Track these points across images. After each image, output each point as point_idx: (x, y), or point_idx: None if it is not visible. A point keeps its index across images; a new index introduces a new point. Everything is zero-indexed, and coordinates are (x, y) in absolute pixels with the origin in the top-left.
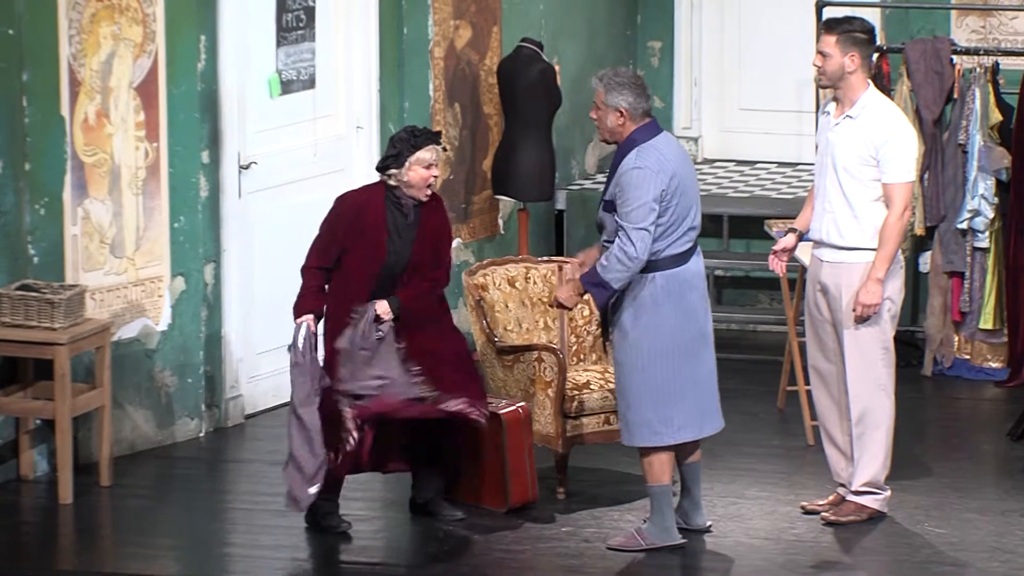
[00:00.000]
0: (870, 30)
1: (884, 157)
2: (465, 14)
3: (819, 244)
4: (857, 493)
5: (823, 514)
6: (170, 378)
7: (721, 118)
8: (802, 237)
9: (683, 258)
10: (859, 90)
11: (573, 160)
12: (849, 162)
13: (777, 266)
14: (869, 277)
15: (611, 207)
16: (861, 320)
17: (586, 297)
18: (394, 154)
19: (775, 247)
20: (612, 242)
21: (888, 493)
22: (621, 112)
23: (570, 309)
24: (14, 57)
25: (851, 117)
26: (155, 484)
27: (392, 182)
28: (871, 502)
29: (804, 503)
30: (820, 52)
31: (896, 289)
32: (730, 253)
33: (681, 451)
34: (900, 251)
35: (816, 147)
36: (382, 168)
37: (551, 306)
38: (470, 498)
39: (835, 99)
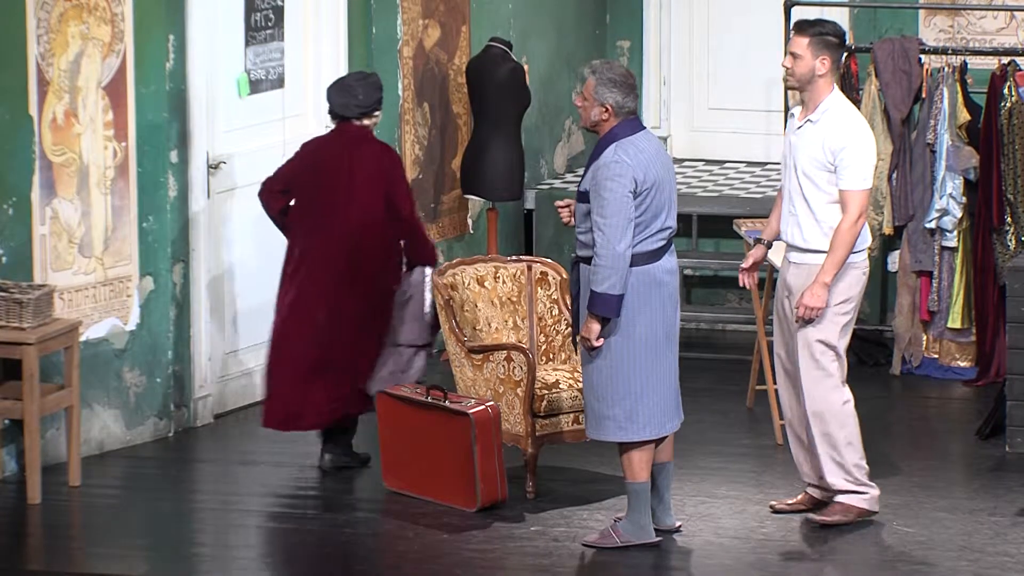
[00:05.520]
0: (842, 34)
1: (841, 163)
2: (434, 14)
3: (788, 247)
4: (843, 493)
5: (809, 516)
6: (139, 378)
7: (690, 117)
8: (770, 247)
9: (654, 256)
10: (823, 94)
11: (542, 159)
12: (808, 166)
13: (746, 281)
14: (816, 280)
15: (585, 198)
16: (806, 322)
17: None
18: (380, 97)
19: (743, 264)
20: (585, 232)
21: (876, 491)
22: (606, 108)
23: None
24: None
25: (812, 121)
26: (124, 484)
27: (369, 123)
28: (858, 501)
29: (773, 502)
30: (791, 53)
31: (854, 293)
32: (699, 252)
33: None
34: (867, 253)
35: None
36: (370, 110)
37: None
38: (440, 497)
39: (801, 102)
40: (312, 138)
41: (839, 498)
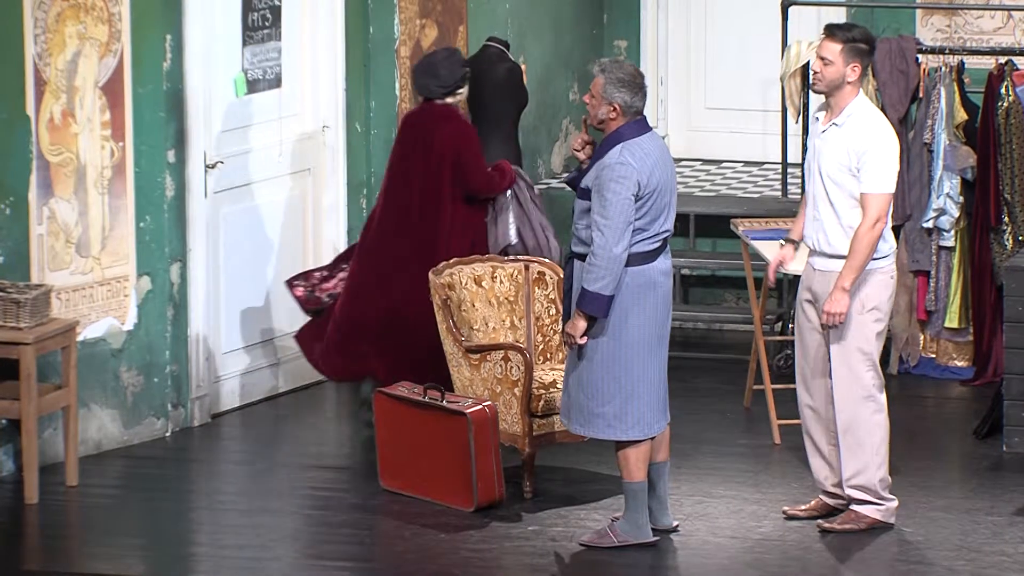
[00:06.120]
0: (873, 41)
1: (863, 166)
2: (431, 13)
3: (812, 252)
4: (858, 502)
5: (819, 522)
6: (136, 378)
7: (687, 117)
8: (797, 245)
9: (650, 257)
10: (849, 98)
11: (539, 159)
12: (832, 170)
13: (770, 277)
14: (835, 285)
15: (587, 195)
16: (831, 327)
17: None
18: (464, 73)
19: (772, 261)
20: (583, 228)
21: (894, 504)
22: (614, 107)
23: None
24: None
25: (837, 125)
26: (121, 484)
27: (453, 101)
28: (872, 512)
29: (786, 508)
30: (821, 58)
31: (883, 298)
32: (696, 252)
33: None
34: (894, 258)
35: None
36: (453, 89)
37: None
38: (437, 497)
39: (826, 106)
40: (408, 111)
41: (853, 506)
